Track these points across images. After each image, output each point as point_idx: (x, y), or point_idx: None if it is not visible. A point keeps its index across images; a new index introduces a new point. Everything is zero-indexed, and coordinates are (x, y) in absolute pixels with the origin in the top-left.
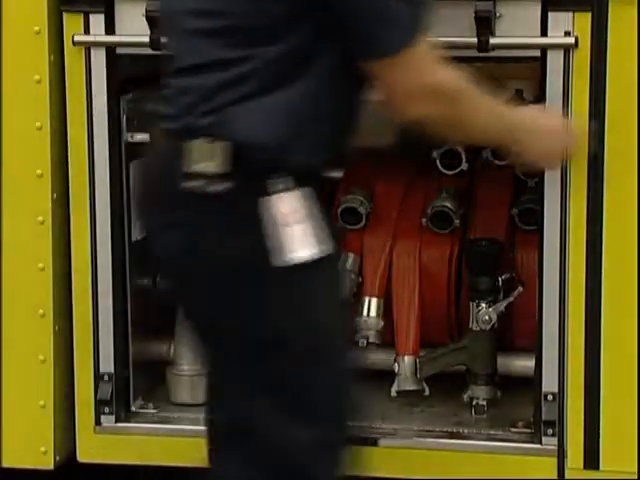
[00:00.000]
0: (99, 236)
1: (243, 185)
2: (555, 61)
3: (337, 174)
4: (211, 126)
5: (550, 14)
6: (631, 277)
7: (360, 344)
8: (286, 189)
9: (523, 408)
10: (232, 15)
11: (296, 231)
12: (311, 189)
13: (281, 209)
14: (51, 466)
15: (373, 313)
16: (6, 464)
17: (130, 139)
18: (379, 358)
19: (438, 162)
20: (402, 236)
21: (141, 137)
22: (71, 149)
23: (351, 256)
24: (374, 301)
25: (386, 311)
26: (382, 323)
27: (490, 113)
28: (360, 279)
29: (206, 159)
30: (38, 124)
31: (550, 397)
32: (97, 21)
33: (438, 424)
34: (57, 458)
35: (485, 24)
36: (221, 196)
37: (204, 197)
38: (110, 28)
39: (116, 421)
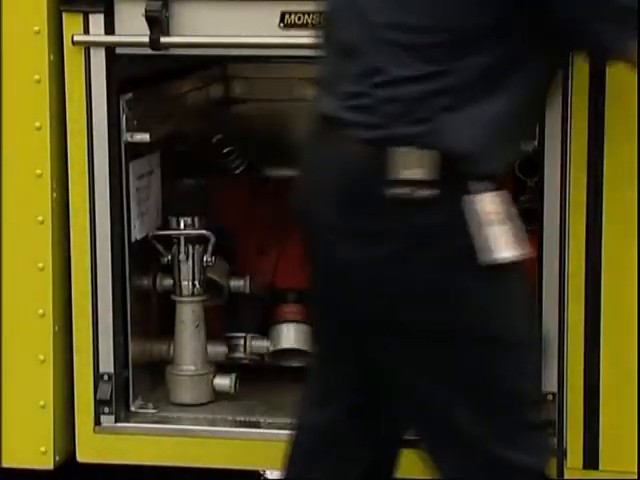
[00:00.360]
0: (99, 236)
1: (447, 189)
2: None
3: None
4: (419, 135)
5: None
6: (631, 277)
7: None
8: (487, 190)
9: None
10: (441, 30)
11: (500, 231)
12: (507, 192)
13: (485, 209)
14: (51, 466)
15: None
16: (6, 464)
17: (130, 139)
18: None
19: None
20: None
21: (141, 137)
22: (71, 149)
23: None
24: None
25: None
26: None
27: None
28: None
29: (414, 166)
30: (38, 124)
31: (550, 397)
32: (97, 21)
33: None
34: (57, 458)
35: None
36: (427, 201)
37: (410, 203)
38: (110, 28)
39: (116, 421)
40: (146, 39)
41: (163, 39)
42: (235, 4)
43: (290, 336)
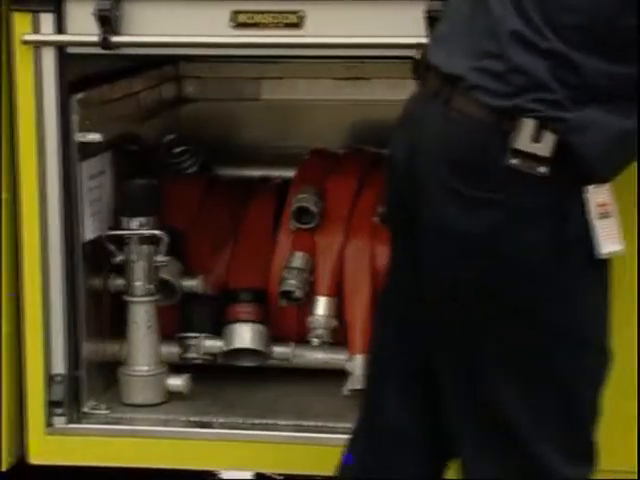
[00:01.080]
0: (50, 237)
1: (565, 172)
2: None
3: (288, 173)
4: (552, 119)
5: None
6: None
7: (313, 343)
8: (601, 182)
9: None
10: (588, 18)
11: (609, 224)
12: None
13: (598, 200)
14: (2, 468)
15: (326, 312)
16: None
17: (81, 139)
18: (332, 357)
19: None
20: (354, 235)
21: (92, 137)
22: (21, 149)
23: (303, 255)
24: (327, 300)
25: (339, 310)
26: (335, 322)
27: None
28: (312, 278)
29: (536, 140)
30: None
31: None
32: (47, 20)
33: None
34: (8, 460)
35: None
36: (545, 179)
37: (529, 177)
38: (60, 27)
39: (68, 422)
40: (97, 38)
41: (114, 38)
42: (187, 3)
43: (243, 336)
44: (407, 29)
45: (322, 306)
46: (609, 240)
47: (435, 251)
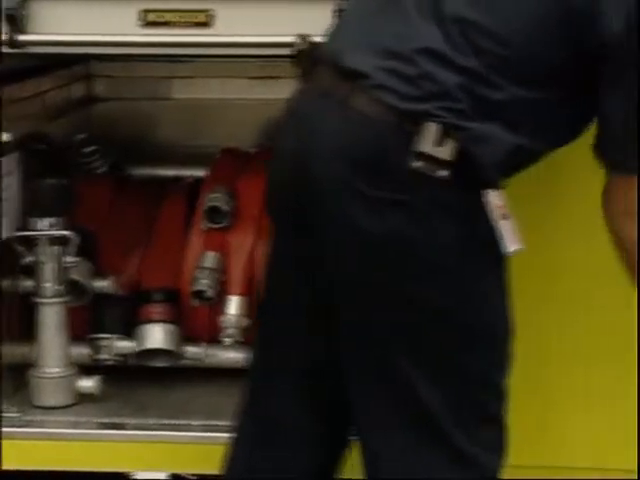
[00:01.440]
0: None
1: (465, 176)
2: None
3: (200, 173)
4: (450, 121)
5: None
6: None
7: (225, 342)
8: (496, 187)
9: None
10: (510, 47)
11: (507, 225)
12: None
13: (497, 202)
14: None
15: (238, 311)
16: None
17: None
18: (244, 357)
19: None
20: (266, 234)
21: (5, 137)
22: None
23: (215, 255)
24: (239, 299)
25: (251, 309)
26: (247, 321)
27: None
28: (224, 278)
29: (439, 145)
30: None
31: None
32: None
33: None
34: None
35: None
36: (446, 182)
37: (431, 180)
38: None
39: None
40: (4, 37)
41: (21, 37)
42: (96, 2)
43: (155, 336)
44: (318, 28)
45: (234, 305)
46: (512, 239)
47: (338, 251)
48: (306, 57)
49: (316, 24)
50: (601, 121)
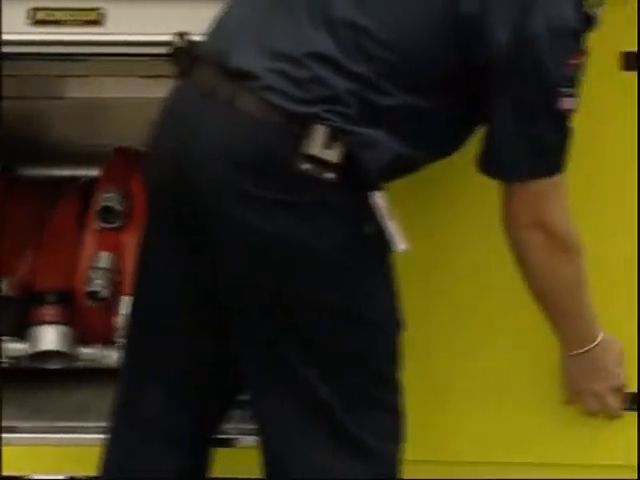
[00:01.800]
0: None
1: (352, 178)
2: None
3: (93, 173)
4: (338, 125)
5: None
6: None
7: (120, 343)
8: (382, 188)
9: None
10: (399, 54)
11: (394, 225)
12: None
13: (383, 203)
14: None
15: None
16: None
17: None
18: None
19: None
20: None
21: None
22: None
23: (109, 255)
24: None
25: None
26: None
27: (581, 306)
28: (118, 278)
29: (327, 147)
30: None
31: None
32: None
33: None
34: None
35: None
36: (334, 184)
37: (319, 181)
38: None
39: None
40: None
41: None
42: None
43: (49, 338)
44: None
45: (128, 306)
46: (398, 238)
47: (225, 252)
48: (185, 55)
49: (207, 22)
50: (491, 132)
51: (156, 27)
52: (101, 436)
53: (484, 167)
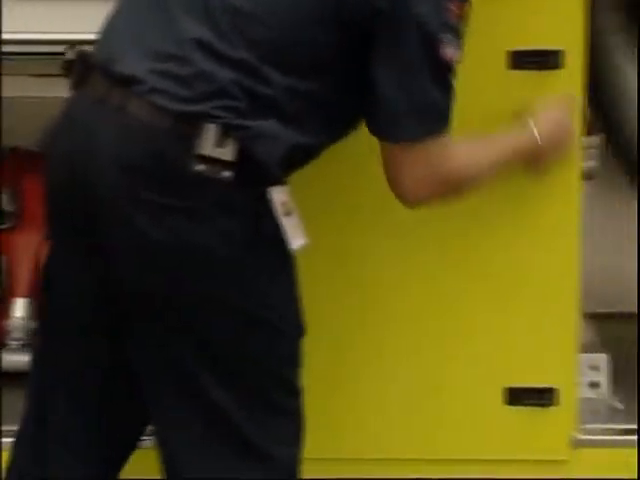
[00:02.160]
0: None
1: (248, 175)
2: None
3: None
4: (229, 121)
5: None
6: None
7: (12, 346)
8: (280, 183)
9: None
10: (277, 34)
11: (293, 220)
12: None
13: (281, 199)
14: None
15: (24, 314)
16: None
17: None
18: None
19: None
20: None
21: None
22: None
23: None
24: (25, 302)
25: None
26: (34, 324)
27: (497, 162)
28: (10, 280)
29: (220, 146)
30: None
31: None
32: None
33: None
34: None
35: None
36: (230, 183)
37: (214, 182)
38: None
39: None
40: None
41: None
42: None
43: None
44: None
45: (20, 308)
46: (296, 235)
47: (118, 257)
48: (77, 66)
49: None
50: (377, 99)
51: (54, 26)
52: None
53: (372, 128)
